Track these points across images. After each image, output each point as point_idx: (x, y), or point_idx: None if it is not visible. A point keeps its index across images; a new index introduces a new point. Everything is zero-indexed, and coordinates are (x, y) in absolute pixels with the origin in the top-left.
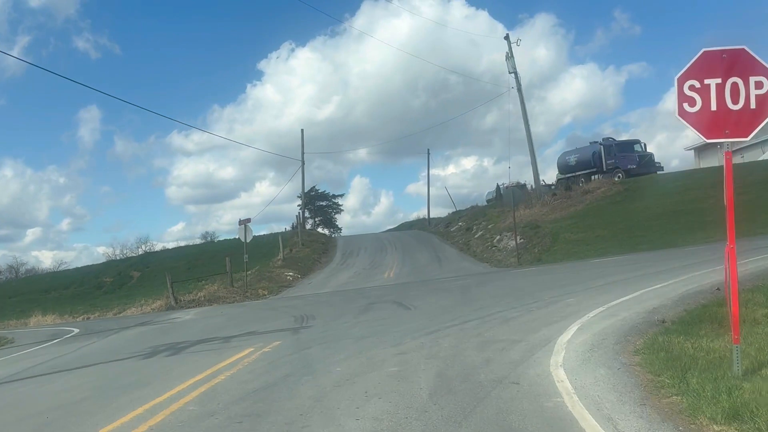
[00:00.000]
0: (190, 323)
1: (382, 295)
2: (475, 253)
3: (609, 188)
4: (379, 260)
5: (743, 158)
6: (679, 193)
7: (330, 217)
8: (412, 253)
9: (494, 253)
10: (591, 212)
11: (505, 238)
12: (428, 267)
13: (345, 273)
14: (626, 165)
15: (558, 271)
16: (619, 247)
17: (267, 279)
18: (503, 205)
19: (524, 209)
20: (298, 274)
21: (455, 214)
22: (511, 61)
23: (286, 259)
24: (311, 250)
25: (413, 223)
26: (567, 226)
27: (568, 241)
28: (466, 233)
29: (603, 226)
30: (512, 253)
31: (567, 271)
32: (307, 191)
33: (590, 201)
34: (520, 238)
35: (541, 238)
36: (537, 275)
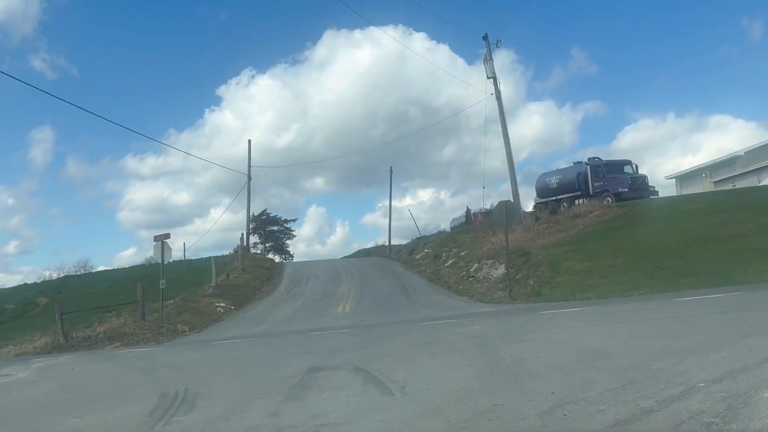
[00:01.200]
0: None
1: (334, 349)
2: (448, 284)
3: (603, 212)
4: (331, 290)
5: (734, 185)
6: (698, 218)
7: (281, 243)
8: (372, 283)
9: (473, 284)
10: (589, 238)
11: (485, 267)
12: (393, 300)
13: (289, 305)
14: (616, 188)
15: (616, 317)
16: (650, 280)
17: (191, 311)
18: (494, 225)
19: (502, 234)
20: (232, 305)
21: (420, 240)
22: (490, 64)
23: (220, 287)
24: (252, 276)
25: (371, 251)
26: (564, 254)
27: (573, 272)
28: (434, 261)
29: (612, 254)
30: (497, 284)
31: (636, 316)
32: (257, 215)
33: (584, 226)
34: (506, 266)
35: (535, 268)
36: (593, 323)
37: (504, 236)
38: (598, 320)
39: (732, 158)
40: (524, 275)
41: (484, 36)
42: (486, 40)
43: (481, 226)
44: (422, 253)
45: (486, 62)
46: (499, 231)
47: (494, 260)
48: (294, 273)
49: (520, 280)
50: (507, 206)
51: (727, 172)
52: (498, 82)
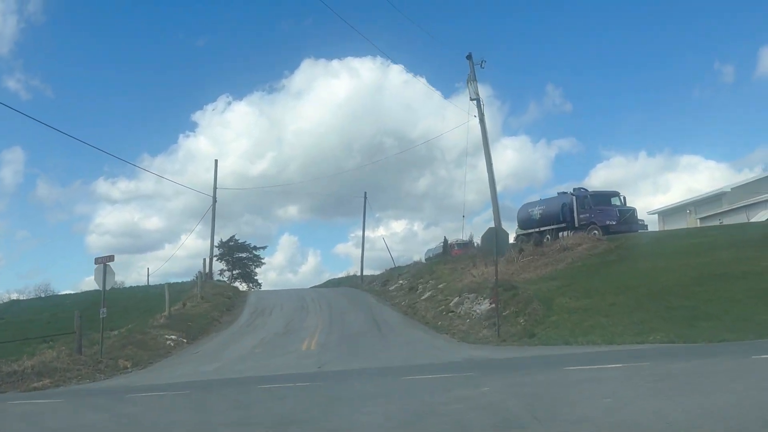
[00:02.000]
0: None
1: (281, 420)
2: (425, 319)
3: (593, 245)
4: (297, 323)
5: (721, 222)
6: (703, 253)
7: (250, 270)
8: (342, 315)
9: (453, 320)
10: (580, 273)
11: (467, 302)
12: (365, 337)
13: (249, 339)
14: (604, 221)
15: (688, 383)
16: (663, 323)
17: (137, 344)
18: (484, 253)
19: (485, 266)
20: (185, 338)
21: (394, 270)
22: (474, 85)
23: (173, 317)
24: (212, 305)
25: (342, 281)
26: (556, 289)
27: (569, 310)
28: (409, 293)
29: (613, 291)
30: (482, 321)
31: (723, 383)
32: (226, 241)
33: (573, 259)
34: (491, 302)
35: (524, 304)
36: (658, 391)
37: (487, 268)
38: (664, 387)
39: (718, 195)
40: (512, 312)
41: (468, 55)
42: (470, 60)
43: (459, 258)
44: (396, 284)
45: (470, 83)
46: (480, 263)
47: (476, 294)
48: (258, 303)
49: (509, 317)
50: (498, 233)
51: (713, 209)
52: (482, 104)
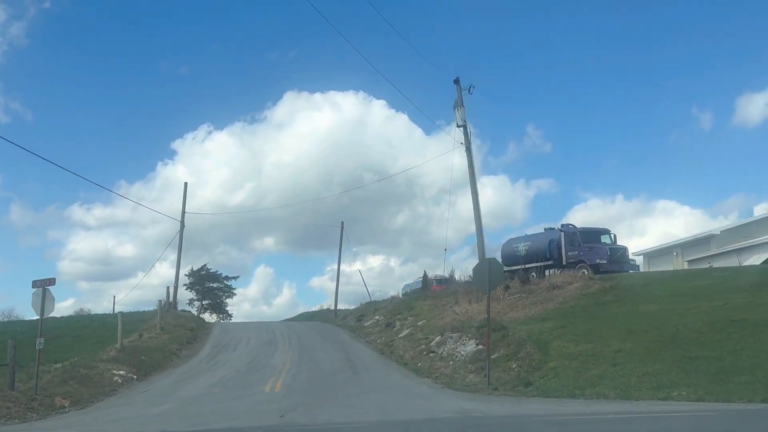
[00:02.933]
0: None
1: None
2: (403, 359)
3: (585, 284)
4: (263, 359)
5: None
6: (712, 296)
7: (220, 301)
8: (313, 353)
9: (434, 362)
10: (574, 314)
11: (450, 342)
12: (337, 378)
13: (207, 377)
14: (594, 259)
15: None
16: (685, 376)
17: (80, 379)
18: (476, 287)
19: (468, 303)
20: (135, 374)
21: (370, 305)
22: (461, 111)
23: (126, 350)
24: (171, 337)
25: (315, 314)
26: (550, 331)
27: (568, 355)
28: (386, 330)
29: (615, 336)
30: (467, 365)
31: None
32: (197, 270)
33: (564, 299)
34: (478, 343)
35: (516, 347)
36: None
37: (471, 305)
38: None
39: (707, 237)
40: (503, 356)
41: (456, 80)
42: (457, 85)
43: (440, 294)
44: (372, 319)
45: (457, 109)
46: (463, 299)
47: (461, 334)
48: (223, 336)
49: (499, 361)
50: (491, 265)
51: (700, 252)
52: (469, 131)
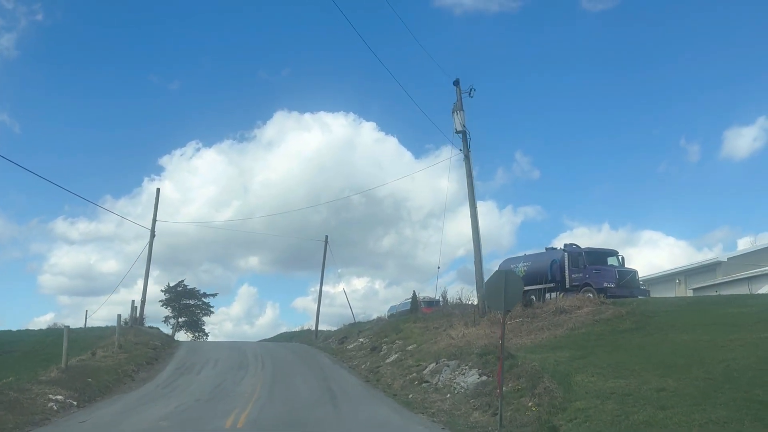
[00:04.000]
0: None
1: None
2: (392, 389)
3: (596, 309)
4: (229, 385)
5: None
6: (756, 326)
7: (197, 318)
8: (289, 379)
9: (429, 394)
10: (590, 342)
11: (447, 370)
12: (315, 412)
13: (159, 406)
14: (601, 282)
15: None
16: (762, 427)
17: (8, 405)
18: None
19: (464, 327)
20: (76, 400)
21: (354, 326)
22: (461, 115)
23: (71, 370)
24: (129, 357)
25: (295, 335)
26: (568, 362)
27: (598, 394)
28: (371, 354)
29: (650, 371)
30: (469, 399)
31: None
32: (173, 285)
33: (574, 325)
34: (481, 373)
35: (530, 380)
36: None
37: (468, 329)
38: None
39: (713, 264)
40: (513, 390)
41: (455, 81)
42: (457, 87)
43: (431, 316)
44: (356, 342)
45: (455, 113)
46: (458, 322)
47: (459, 362)
48: (189, 356)
49: (509, 397)
50: (508, 278)
51: (706, 279)
52: (468, 138)
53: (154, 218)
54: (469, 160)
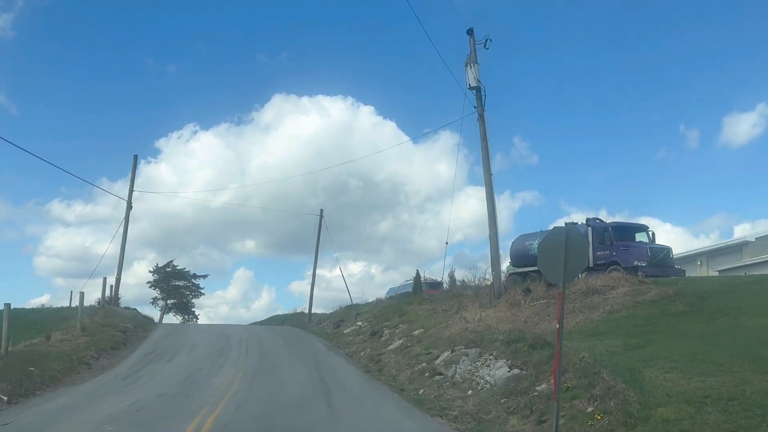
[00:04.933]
0: None
1: None
2: (397, 381)
3: (635, 289)
4: (204, 376)
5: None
6: None
7: (186, 301)
8: (275, 369)
9: (444, 388)
10: (638, 327)
11: (465, 360)
12: (305, 411)
13: (111, 403)
14: (630, 261)
15: None
16: None
17: None
18: (546, 273)
19: (479, 309)
20: (8, 394)
21: (351, 308)
22: (474, 68)
23: (13, 357)
24: (91, 341)
25: (287, 318)
26: (623, 352)
27: (687, 398)
28: (371, 340)
29: (737, 364)
30: (497, 397)
31: None
32: (162, 266)
33: (612, 307)
34: (512, 365)
35: (582, 376)
36: None
37: (486, 311)
38: None
39: (739, 245)
40: (562, 389)
41: (469, 30)
42: (471, 36)
43: (438, 297)
44: (354, 326)
45: (469, 66)
46: (472, 304)
47: (480, 350)
48: (163, 341)
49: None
50: (570, 236)
51: (732, 260)
52: (483, 95)
53: (130, 189)
54: (483, 120)
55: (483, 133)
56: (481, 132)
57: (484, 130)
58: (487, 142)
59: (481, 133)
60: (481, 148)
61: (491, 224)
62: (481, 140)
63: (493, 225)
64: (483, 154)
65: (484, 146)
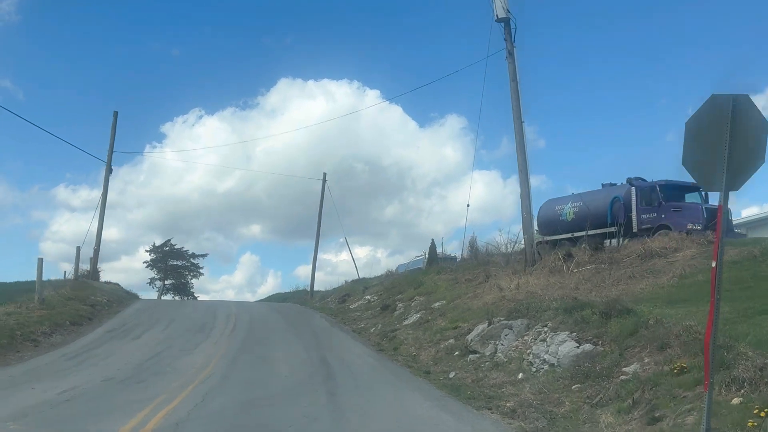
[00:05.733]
0: None
1: None
2: (419, 362)
3: (702, 249)
4: (172, 355)
5: None
6: None
7: (185, 281)
8: (265, 346)
9: (482, 370)
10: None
11: (509, 334)
12: (297, 402)
13: (37, 391)
14: (683, 224)
15: None
16: None
17: None
18: (692, 171)
19: (513, 276)
20: None
21: (358, 283)
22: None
23: None
24: (48, 314)
25: (289, 296)
26: (738, 320)
27: None
28: (382, 314)
29: None
30: (567, 382)
31: None
32: (159, 245)
33: (683, 271)
34: (580, 339)
35: (695, 352)
36: None
37: (521, 278)
38: None
39: None
40: (669, 369)
41: None
42: None
43: (460, 267)
44: (361, 300)
45: None
46: (504, 272)
47: (528, 321)
48: (137, 315)
49: (666, 382)
50: (737, 109)
51: None
52: (514, 28)
53: (110, 149)
54: (513, 58)
55: (513, 73)
56: (510, 72)
57: (514, 70)
58: (517, 84)
59: (510, 74)
60: (510, 91)
61: (522, 180)
62: (510, 81)
63: (524, 181)
64: (513, 97)
65: (513, 88)
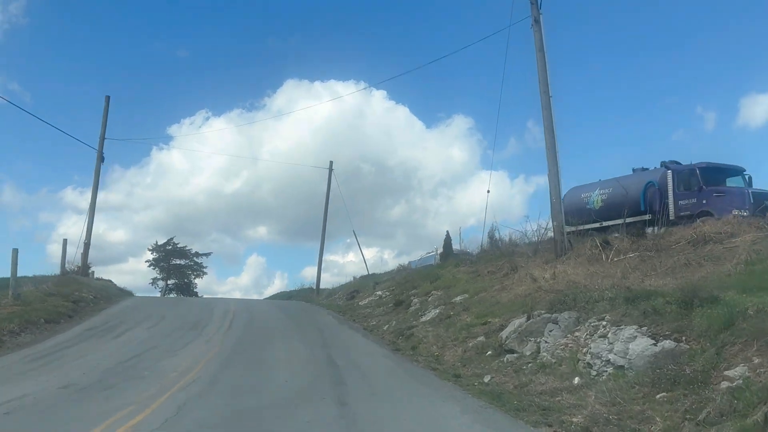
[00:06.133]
0: None
1: None
2: (442, 363)
3: (763, 234)
4: (155, 356)
5: None
6: None
7: (187, 280)
8: (263, 347)
9: (527, 375)
10: None
11: (554, 330)
12: (299, 416)
13: None
14: (728, 209)
15: None
16: None
17: None
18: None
19: (544, 265)
20: None
21: (367, 278)
22: None
23: None
24: (22, 311)
25: (294, 294)
26: None
27: None
28: (395, 311)
29: None
30: (648, 390)
31: None
32: (162, 244)
33: (749, 257)
34: (656, 335)
35: None
36: None
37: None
38: None
39: None
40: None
41: None
42: None
43: (481, 257)
44: (372, 297)
45: None
46: (534, 262)
47: (578, 314)
48: (124, 313)
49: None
50: None
51: None
52: None
53: (101, 136)
54: (540, 26)
55: (539, 43)
56: (536, 42)
57: (540, 40)
58: (544, 54)
59: (537, 44)
60: (537, 61)
61: (551, 160)
62: (537, 52)
63: (553, 161)
64: (539, 68)
65: (540, 59)
